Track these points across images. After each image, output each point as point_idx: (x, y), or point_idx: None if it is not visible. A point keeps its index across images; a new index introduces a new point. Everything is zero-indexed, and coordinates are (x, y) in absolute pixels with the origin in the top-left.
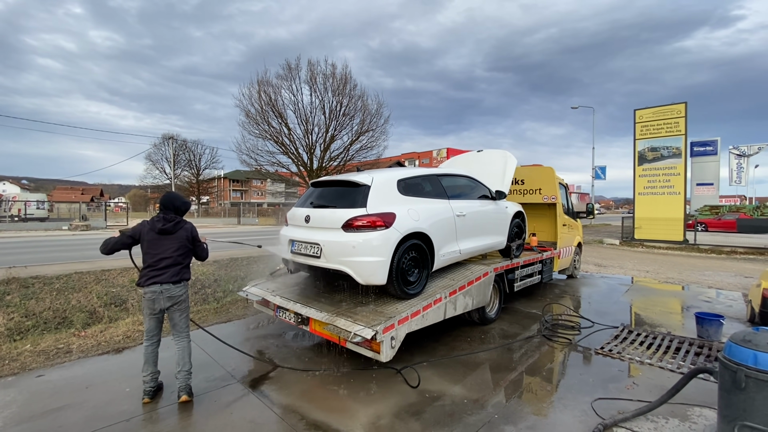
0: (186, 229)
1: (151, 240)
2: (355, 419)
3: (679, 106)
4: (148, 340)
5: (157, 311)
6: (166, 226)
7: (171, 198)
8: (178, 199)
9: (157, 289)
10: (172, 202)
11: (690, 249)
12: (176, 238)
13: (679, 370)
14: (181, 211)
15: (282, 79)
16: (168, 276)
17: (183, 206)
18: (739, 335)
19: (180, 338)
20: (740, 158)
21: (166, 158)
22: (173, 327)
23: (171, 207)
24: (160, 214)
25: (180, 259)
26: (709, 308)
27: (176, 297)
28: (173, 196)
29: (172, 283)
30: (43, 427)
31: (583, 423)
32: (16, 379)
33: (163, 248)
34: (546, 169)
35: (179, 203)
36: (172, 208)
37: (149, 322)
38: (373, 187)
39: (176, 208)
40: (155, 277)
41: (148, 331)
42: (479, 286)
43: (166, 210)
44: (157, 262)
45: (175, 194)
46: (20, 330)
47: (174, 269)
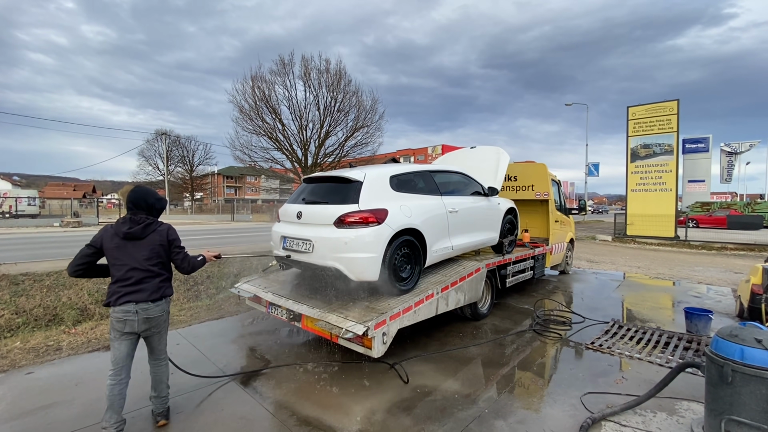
0: (159, 233)
1: (116, 247)
2: (347, 415)
3: (671, 103)
4: (115, 375)
5: (128, 333)
6: (133, 230)
7: (141, 194)
8: (151, 195)
9: (131, 309)
10: (143, 199)
11: (681, 245)
12: (147, 244)
13: (668, 364)
14: (155, 210)
15: (276, 75)
16: (145, 294)
17: (157, 204)
18: (726, 330)
19: (157, 362)
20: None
21: (159, 154)
22: (150, 351)
23: (142, 205)
24: (128, 215)
25: (156, 269)
26: (699, 303)
27: (155, 318)
28: (144, 192)
29: (151, 301)
30: (33, 424)
31: (572, 417)
32: (5, 377)
33: (131, 257)
34: (539, 166)
35: (152, 200)
36: (144, 206)
37: (118, 350)
38: (365, 183)
39: (149, 206)
40: (129, 294)
41: (116, 361)
42: (471, 281)
43: (136, 209)
44: (127, 275)
45: (145, 189)
46: (10, 327)
47: (151, 283)
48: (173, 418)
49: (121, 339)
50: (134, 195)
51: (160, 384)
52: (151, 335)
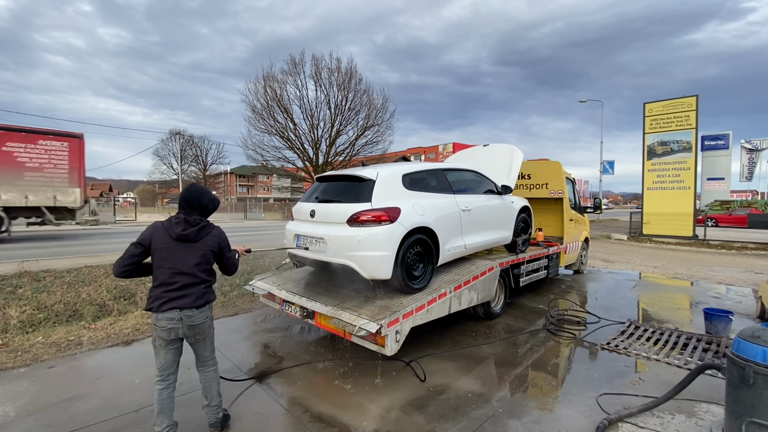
0: (213, 236)
1: (167, 248)
2: (360, 412)
3: (690, 99)
4: (163, 380)
5: (173, 340)
6: (188, 231)
7: (196, 193)
8: (206, 194)
9: (176, 316)
10: (197, 198)
11: (699, 244)
12: (199, 248)
13: (687, 366)
14: (208, 210)
15: (287, 75)
16: (190, 299)
17: (211, 204)
18: (748, 331)
19: (205, 368)
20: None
21: (174, 154)
22: (196, 358)
23: (196, 205)
24: (180, 214)
25: (203, 275)
26: (718, 304)
27: (200, 326)
28: (199, 191)
29: (195, 307)
30: (55, 416)
31: (588, 418)
32: (28, 370)
33: (181, 261)
34: (553, 164)
35: (206, 200)
36: (198, 206)
37: (164, 357)
38: (377, 182)
39: (202, 206)
40: (173, 300)
41: (163, 368)
42: (484, 281)
43: (189, 209)
44: (173, 280)
45: (201, 188)
46: (32, 322)
47: (197, 289)
48: (190, 414)
49: (166, 349)
50: (189, 193)
51: (210, 392)
52: (196, 342)
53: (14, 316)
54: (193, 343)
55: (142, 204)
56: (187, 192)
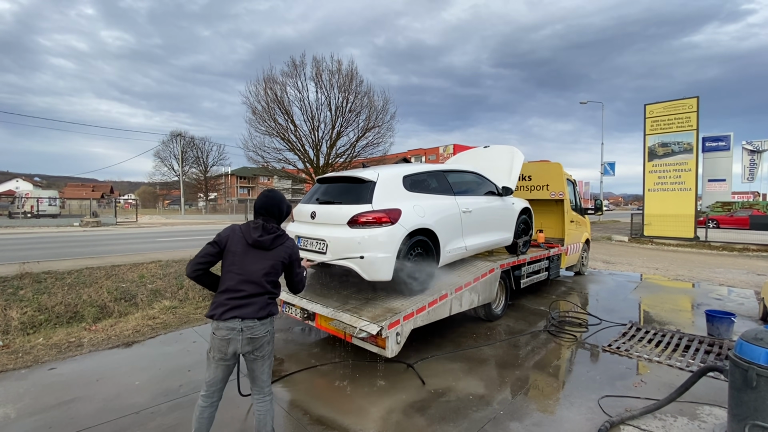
0: (286, 248)
1: (240, 252)
2: (361, 414)
3: (690, 100)
4: (208, 397)
5: (229, 356)
6: (263, 239)
7: (275, 200)
8: (284, 201)
9: (237, 326)
10: (277, 206)
11: (701, 246)
12: (271, 257)
13: (689, 368)
14: (284, 218)
15: (287, 76)
16: (254, 309)
17: (288, 211)
18: (751, 333)
19: (261, 396)
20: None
21: (175, 155)
22: (253, 380)
23: (275, 212)
24: (259, 221)
25: (269, 286)
26: (720, 306)
27: (259, 339)
28: (279, 198)
29: (258, 318)
30: (55, 418)
31: (590, 420)
32: (29, 372)
33: (251, 267)
34: (554, 165)
35: (285, 207)
36: (277, 214)
37: (215, 371)
38: (378, 183)
39: (281, 213)
40: (236, 309)
41: (211, 383)
42: (485, 282)
43: (268, 217)
44: (240, 287)
45: (279, 194)
46: (33, 324)
47: (261, 300)
48: (190, 415)
49: (219, 363)
50: (268, 200)
51: (264, 427)
52: (254, 359)
53: (15, 318)
54: (251, 360)
55: (143, 205)
56: (267, 199)
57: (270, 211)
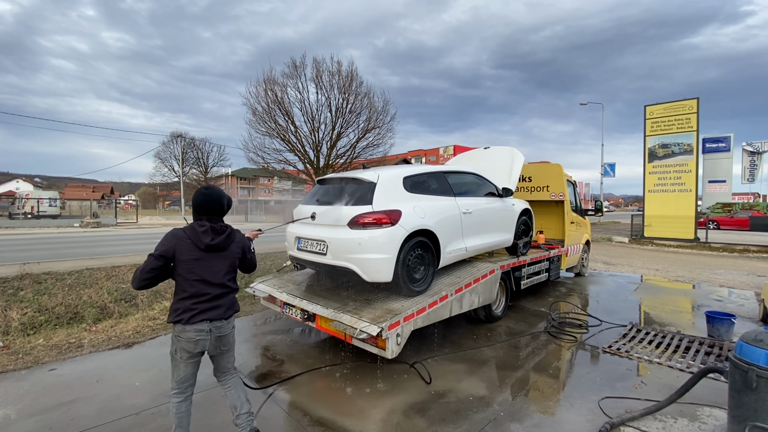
0: (238, 243)
1: (195, 260)
2: (361, 415)
3: (690, 101)
4: (181, 393)
5: (197, 354)
6: (216, 241)
7: (215, 196)
8: (224, 196)
9: (205, 328)
10: (218, 202)
11: (701, 247)
12: (228, 257)
13: (689, 369)
14: (225, 212)
15: (288, 77)
16: (221, 311)
17: (229, 204)
18: (751, 334)
19: (228, 377)
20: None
21: (175, 156)
22: (218, 369)
23: (218, 210)
24: (205, 222)
25: (231, 284)
26: (721, 307)
27: (227, 336)
28: (218, 194)
29: (225, 318)
30: (56, 419)
31: (590, 422)
32: (29, 373)
33: (210, 271)
34: (554, 166)
35: (226, 201)
36: (219, 211)
37: (184, 370)
38: (378, 185)
39: (223, 209)
40: (204, 312)
41: (181, 381)
42: (485, 283)
43: (213, 215)
44: (204, 291)
45: (218, 190)
46: (33, 325)
47: (227, 300)
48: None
49: (188, 362)
50: (207, 199)
51: (240, 398)
52: (220, 354)
53: (15, 319)
54: (217, 355)
55: (143, 206)
56: (205, 197)
57: (212, 209)
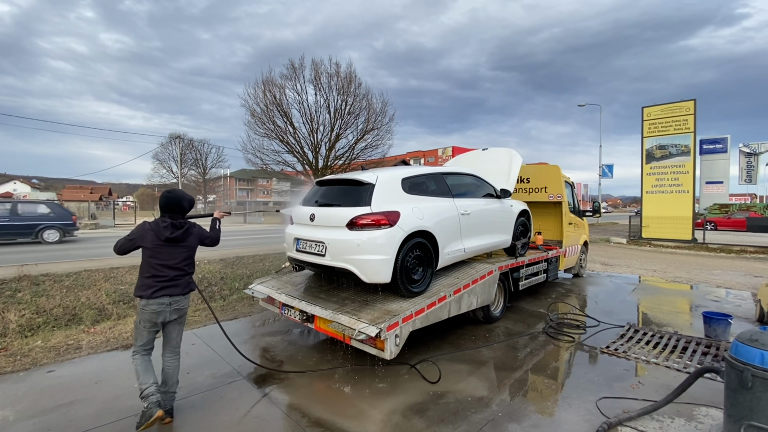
0: (195, 235)
1: (156, 247)
2: (360, 416)
3: (688, 103)
4: (146, 354)
5: (158, 324)
6: (175, 235)
7: (177, 199)
8: (185, 198)
9: (165, 302)
10: (178, 203)
11: (699, 248)
12: (185, 248)
13: (686, 369)
14: (187, 211)
15: (286, 79)
16: (179, 289)
17: (189, 206)
18: (746, 334)
19: (173, 355)
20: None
21: (173, 157)
22: (168, 342)
23: (177, 209)
24: (166, 218)
25: (188, 269)
26: (718, 308)
27: (183, 309)
28: (179, 196)
29: (182, 294)
30: (54, 421)
31: (587, 422)
32: (27, 375)
33: (169, 257)
34: (552, 168)
35: (186, 203)
36: (179, 209)
37: (146, 336)
38: (377, 186)
39: (183, 209)
40: (165, 289)
41: (143, 345)
42: (484, 284)
43: (173, 213)
44: (164, 273)
45: (180, 193)
46: (31, 326)
47: (183, 280)
48: (190, 417)
49: (150, 330)
50: (170, 200)
51: (171, 378)
52: (176, 324)
53: (13, 320)
54: (173, 325)
55: (141, 208)
56: (168, 199)
57: (173, 209)
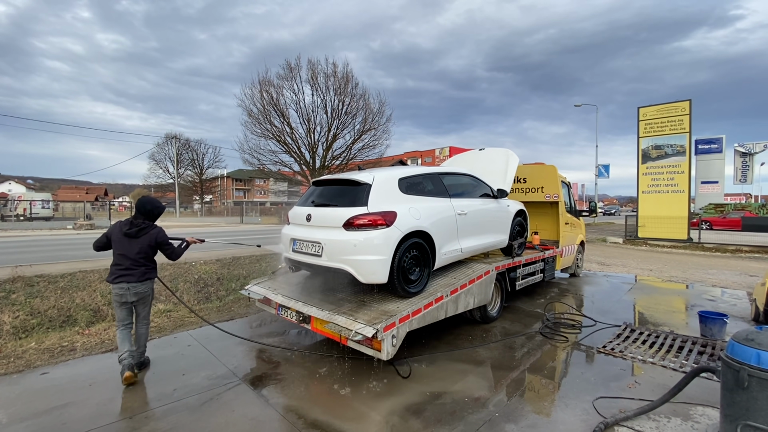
0: (150, 235)
1: (118, 240)
2: (357, 417)
3: (683, 103)
4: (123, 327)
5: (124, 303)
6: (130, 231)
7: (143, 203)
8: (150, 203)
9: (125, 287)
10: (143, 206)
11: (694, 247)
12: (139, 243)
13: (682, 369)
14: (152, 216)
15: (283, 79)
16: (134, 277)
17: (154, 210)
18: (742, 334)
19: (142, 324)
20: (745, 156)
21: (170, 158)
22: (137, 315)
23: (142, 212)
24: (130, 218)
25: (144, 261)
26: (713, 307)
27: (141, 293)
28: (144, 201)
29: (139, 282)
30: (47, 423)
31: (584, 422)
32: (20, 377)
33: (127, 249)
34: (548, 168)
35: (150, 207)
36: (143, 212)
37: (120, 312)
38: (374, 186)
39: (147, 212)
40: (123, 276)
41: (121, 319)
42: (481, 284)
43: (137, 215)
44: (121, 261)
45: (147, 199)
46: (25, 328)
47: (140, 270)
48: (184, 419)
49: (120, 307)
50: (138, 202)
51: (140, 340)
52: (139, 304)
53: (7, 322)
54: (138, 305)
55: None
56: (138, 202)
57: (139, 211)
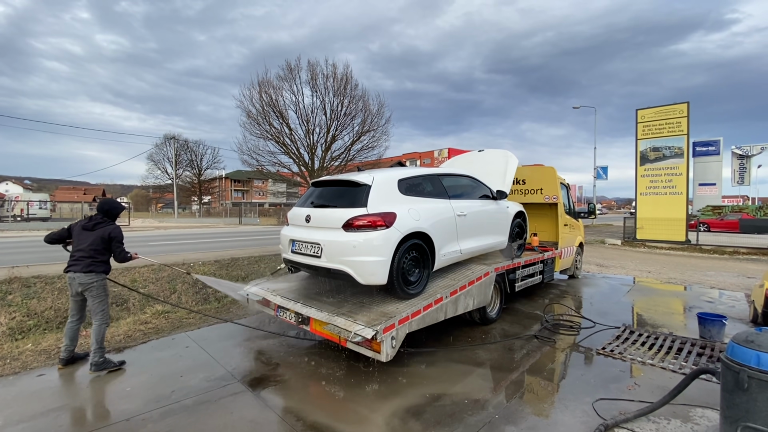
0: (104, 230)
1: (76, 235)
2: (356, 419)
3: (681, 105)
4: (71, 319)
5: (75, 294)
6: (87, 225)
7: (101, 203)
8: (107, 203)
9: (72, 276)
10: (101, 206)
11: (692, 249)
12: (93, 235)
13: (681, 370)
14: (111, 215)
15: (283, 80)
16: (80, 266)
17: (112, 210)
18: (742, 336)
19: (94, 320)
20: (743, 158)
21: (168, 158)
22: (91, 310)
23: (100, 210)
24: (91, 215)
25: (92, 253)
26: (712, 309)
27: (86, 284)
28: (103, 202)
29: (83, 272)
30: (45, 425)
31: (584, 423)
32: (17, 378)
33: (82, 241)
34: (547, 169)
35: (107, 207)
36: (101, 211)
37: (71, 304)
38: (373, 187)
39: (105, 211)
40: (72, 266)
41: (71, 311)
42: (480, 286)
43: (98, 212)
44: (75, 252)
45: (106, 200)
46: (22, 329)
47: (86, 261)
48: (182, 422)
49: (72, 299)
50: (99, 203)
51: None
52: (88, 296)
53: (3, 323)
54: (88, 296)
55: (135, 209)
56: (99, 202)
57: (98, 209)
